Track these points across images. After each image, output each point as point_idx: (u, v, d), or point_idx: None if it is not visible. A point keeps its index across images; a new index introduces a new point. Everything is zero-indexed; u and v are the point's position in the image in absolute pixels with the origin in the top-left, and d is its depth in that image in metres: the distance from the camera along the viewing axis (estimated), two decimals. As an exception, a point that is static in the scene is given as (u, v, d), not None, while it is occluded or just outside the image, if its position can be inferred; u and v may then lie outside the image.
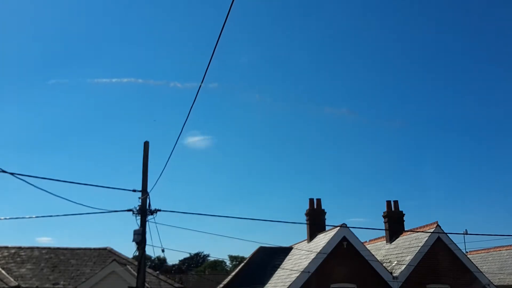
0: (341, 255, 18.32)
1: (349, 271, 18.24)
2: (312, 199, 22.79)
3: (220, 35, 6.74)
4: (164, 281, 19.90)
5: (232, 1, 5.77)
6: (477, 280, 18.98)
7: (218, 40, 6.89)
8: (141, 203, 12.66)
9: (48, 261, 20.97)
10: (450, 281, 18.95)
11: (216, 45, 7.02)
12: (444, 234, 19.32)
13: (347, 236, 18.58)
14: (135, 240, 12.37)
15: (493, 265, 25.07)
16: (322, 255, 18.08)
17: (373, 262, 18.50)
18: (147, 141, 13.32)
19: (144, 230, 12.51)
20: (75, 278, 19.58)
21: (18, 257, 21.20)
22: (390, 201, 22.46)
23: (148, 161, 13.18)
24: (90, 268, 20.40)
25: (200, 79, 8.58)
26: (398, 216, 22.29)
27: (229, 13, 6.02)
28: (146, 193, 12.69)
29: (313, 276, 17.63)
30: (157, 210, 12.69)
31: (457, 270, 19.08)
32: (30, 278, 19.55)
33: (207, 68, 7.86)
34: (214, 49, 7.18)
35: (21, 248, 21.98)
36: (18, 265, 20.51)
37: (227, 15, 6.12)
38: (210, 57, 7.49)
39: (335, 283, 18.11)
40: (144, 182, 12.91)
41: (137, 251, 12.48)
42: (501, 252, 25.91)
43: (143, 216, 12.58)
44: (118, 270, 17.74)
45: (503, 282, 22.66)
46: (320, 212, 22.57)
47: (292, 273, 18.23)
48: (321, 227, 22.13)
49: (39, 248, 22.12)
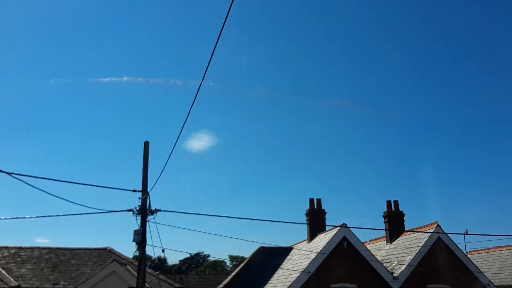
0: (341, 255, 18.33)
1: (349, 271, 18.25)
2: (312, 199, 22.82)
3: (220, 34, 6.74)
4: (164, 281, 19.90)
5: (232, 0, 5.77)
6: (477, 280, 18.98)
7: (218, 40, 6.90)
8: (141, 203, 12.66)
9: (48, 261, 20.98)
10: (450, 281, 18.94)
11: (216, 44, 7.03)
12: (444, 234, 19.32)
13: (347, 236, 18.58)
14: (135, 240, 12.37)
15: (493, 265, 25.07)
16: (322, 255, 18.08)
17: (374, 262, 18.50)
18: (147, 141, 13.34)
19: (144, 230, 12.51)
20: (75, 278, 19.58)
21: (18, 257, 21.21)
22: (390, 201, 22.47)
23: (148, 161, 13.19)
24: (90, 268, 20.41)
25: (200, 77, 8.57)
26: (398, 216, 22.30)
27: (229, 12, 6.02)
28: (146, 193, 12.69)
29: (313, 276, 17.63)
30: (157, 210, 12.69)
31: (457, 270, 19.08)
32: (31, 278, 19.56)
33: (207, 67, 7.87)
34: (215, 48, 7.18)
35: (21, 248, 21.99)
36: (18, 265, 20.52)
37: (227, 14, 6.13)
38: (210, 55, 7.49)
39: (335, 283, 18.11)
40: (144, 182, 12.91)
41: (137, 251, 12.49)
42: (502, 252, 25.90)
43: (143, 216, 12.58)
44: (118, 270, 17.75)
45: (503, 282, 22.65)
46: (320, 212, 22.59)
47: (292, 273, 18.24)
48: (321, 227, 22.14)
49: (39, 248, 22.14)
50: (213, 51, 7.26)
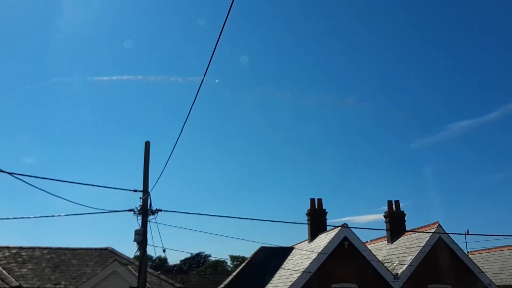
0: (342, 255, 18.31)
1: (350, 271, 18.24)
2: (313, 199, 22.81)
3: (221, 33, 6.73)
4: (165, 281, 19.89)
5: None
6: (478, 280, 18.96)
7: (219, 38, 6.89)
8: (142, 203, 12.66)
9: (49, 261, 20.99)
10: (452, 281, 18.93)
11: (217, 42, 7.02)
12: (445, 234, 19.29)
13: (348, 236, 18.57)
14: (136, 240, 12.38)
15: (495, 265, 25.03)
16: (323, 255, 18.07)
17: (375, 262, 18.49)
18: (148, 141, 13.35)
19: (145, 230, 12.51)
20: (76, 278, 19.59)
21: (20, 257, 21.22)
22: (391, 201, 22.45)
23: (149, 161, 13.19)
24: (91, 268, 20.41)
25: (201, 76, 8.55)
26: (399, 216, 22.28)
27: (230, 11, 6.01)
28: (147, 193, 12.70)
29: (314, 276, 17.62)
30: (158, 210, 12.69)
31: (459, 270, 19.07)
32: (32, 278, 19.57)
33: (208, 66, 7.86)
34: (215, 47, 7.17)
35: (22, 248, 22.00)
36: (19, 265, 20.52)
37: (228, 12, 6.12)
38: (211, 54, 7.47)
39: (336, 283, 18.10)
40: (145, 182, 12.91)
41: (138, 251, 12.49)
42: (503, 252, 25.87)
43: (144, 216, 12.58)
44: (119, 270, 17.74)
45: (505, 282, 22.62)
46: (321, 212, 22.59)
47: (293, 273, 18.23)
48: (322, 227, 22.13)
49: (40, 248, 22.13)
50: (213, 51, 7.25)
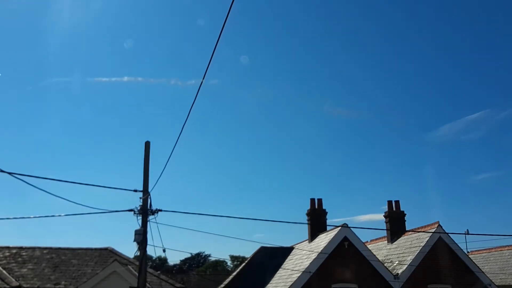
0: (342, 255, 18.31)
1: (350, 271, 18.23)
2: (313, 199, 22.81)
3: (221, 33, 6.72)
4: (165, 281, 19.89)
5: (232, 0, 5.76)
6: (478, 280, 18.96)
7: (219, 38, 6.88)
8: (142, 203, 12.65)
9: (50, 261, 20.98)
10: (452, 281, 18.92)
11: (217, 43, 7.01)
12: (445, 234, 19.29)
13: (348, 236, 18.56)
14: (136, 240, 12.37)
15: (495, 265, 25.03)
16: (323, 255, 18.07)
17: (375, 262, 18.49)
18: (148, 141, 13.35)
19: (145, 230, 12.51)
20: (76, 278, 19.58)
21: (20, 257, 21.22)
22: (391, 201, 22.44)
23: (149, 161, 13.19)
24: (91, 268, 20.41)
25: (201, 76, 8.55)
26: (399, 216, 22.28)
27: (230, 11, 6.01)
28: (147, 193, 12.69)
29: (314, 276, 17.62)
30: (158, 210, 12.69)
31: (459, 270, 19.06)
32: (32, 278, 19.56)
33: (208, 66, 7.85)
34: (215, 47, 7.17)
35: (22, 248, 21.99)
36: (19, 265, 20.52)
37: (228, 12, 6.11)
38: (210, 54, 7.47)
39: (336, 283, 18.09)
40: (145, 182, 12.90)
41: (138, 251, 12.49)
42: (503, 252, 25.87)
43: (144, 216, 12.58)
44: (119, 270, 17.74)
45: (505, 282, 22.62)
46: (321, 212, 22.58)
47: (293, 273, 18.23)
48: (322, 227, 22.13)
49: (40, 248, 22.13)
50: (213, 51, 7.25)
